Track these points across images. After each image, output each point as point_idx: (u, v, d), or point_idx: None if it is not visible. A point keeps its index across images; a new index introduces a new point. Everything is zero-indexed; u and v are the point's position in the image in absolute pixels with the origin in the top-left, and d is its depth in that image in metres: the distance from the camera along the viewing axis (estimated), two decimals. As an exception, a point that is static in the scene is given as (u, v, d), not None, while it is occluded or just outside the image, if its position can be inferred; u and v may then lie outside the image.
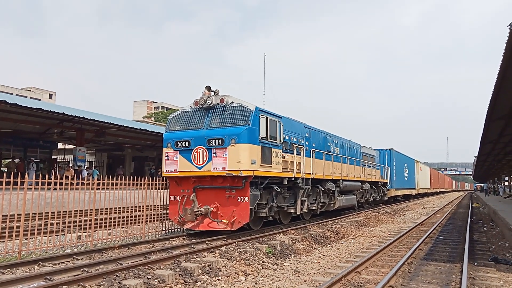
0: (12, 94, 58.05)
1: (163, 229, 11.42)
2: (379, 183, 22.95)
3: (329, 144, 15.45)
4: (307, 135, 13.56)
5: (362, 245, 10.89)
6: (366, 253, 9.17)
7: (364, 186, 19.31)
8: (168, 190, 11.22)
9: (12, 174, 8.12)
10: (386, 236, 12.48)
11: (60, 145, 30.34)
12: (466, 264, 7.67)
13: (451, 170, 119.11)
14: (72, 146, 25.93)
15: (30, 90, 78.03)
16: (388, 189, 25.19)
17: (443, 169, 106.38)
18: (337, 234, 12.07)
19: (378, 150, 25.68)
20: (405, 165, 31.00)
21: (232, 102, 10.45)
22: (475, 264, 8.28)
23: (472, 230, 14.13)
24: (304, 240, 10.32)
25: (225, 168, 9.81)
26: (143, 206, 10.82)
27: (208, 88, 10.80)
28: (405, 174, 30.77)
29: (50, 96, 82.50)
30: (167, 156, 10.78)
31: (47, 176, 8.59)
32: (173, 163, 10.65)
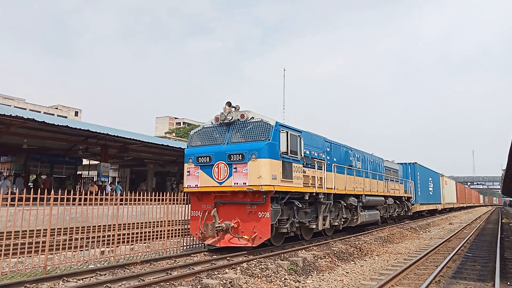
0: (40, 112, 60.15)
1: (185, 244, 11.43)
2: (403, 197, 22.42)
3: (350, 159, 15.25)
4: (328, 150, 13.44)
5: (386, 262, 10.59)
6: (391, 271, 8.89)
7: (387, 201, 18.90)
8: (190, 205, 11.26)
9: (39, 190, 8.33)
10: (412, 253, 12.11)
11: (85, 161, 31.07)
12: (498, 284, 7.33)
13: (478, 184, 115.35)
14: (97, 162, 26.52)
15: (57, 108, 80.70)
16: (413, 204, 24.55)
17: (469, 183, 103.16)
18: (360, 250, 11.79)
19: (401, 164, 25.17)
20: (430, 179, 30.23)
21: (253, 117, 10.49)
22: (508, 283, 7.90)
23: (503, 247, 13.54)
24: (327, 257, 10.12)
25: (245, 183, 9.80)
26: (164, 221, 10.88)
27: (229, 104, 10.89)
28: (430, 189, 29.97)
29: (76, 114, 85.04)
30: (188, 171, 10.86)
31: (72, 191, 8.79)
32: (194, 179, 10.71)
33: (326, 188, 12.39)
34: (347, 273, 9.06)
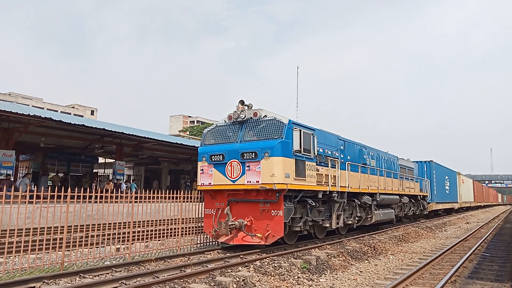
0: (57, 111, 61.24)
1: (198, 242, 11.51)
2: (419, 196, 22.12)
3: (364, 157, 15.12)
4: (341, 148, 13.35)
5: (401, 261, 10.48)
6: (406, 270, 8.80)
7: (402, 199, 18.67)
8: (203, 203, 11.34)
9: (56, 188, 8.49)
10: (427, 252, 11.95)
11: (101, 159, 31.52)
12: (516, 284, 7.18)
13: (496, 183, 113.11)
14: (112, 160, 26.88)
15: (73, 107, 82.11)
16: (428, 203, 24.20)
17: (487, 182, 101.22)
18: (374, 249, 11.69)
19: (417, 162, 24.84)
20: (446, 177, 29.76)
21: (265, 116, 10.49)
22: (526, 284, 7.72)
23: (521, 247, 13.24)
24: (340, 256, 10.07)
25: (258, 182, 9.81)
26: (178, 219, 10.98)
27: (242, 102, 10.91)
28: (446, 187, 29.51)
29: (92, 113, 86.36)
30: (202, 169, 10.93)
31: (88, 189, 8.94)
32: (208, 177, 10.78)
33: (340, 186, 12.32)
34: (361, 272, 9.00)
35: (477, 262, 10.27)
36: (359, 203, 13.84)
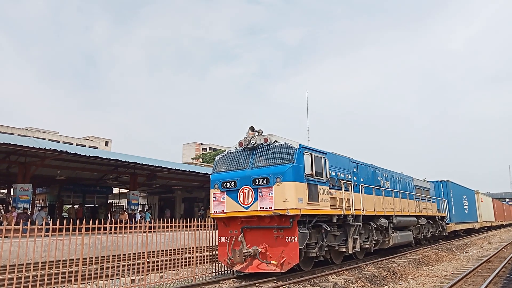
0: (72, 143, 62.47)
1: (213, 271, 11.38)
2: (437, 217, 21.62)
3: (378, 178, 14.95)
4: (354, 170, 13.25)
5: (422, 286, 10.16)
6: (427, 295, 8.52)
7: (420, 221, 18.27)
8: (217, 231, 11.27)
9: (71, 220, 8.59)
10: (449, 276, 11.58)
11: (115, 190, 31.82)
12: (544, 307, 6.88)
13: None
14: (126, 191, 27.12)
15: (88, 139, 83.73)
16: (447, 224, 23.61)
17: (507, 200, 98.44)
18: (394, 274, 11.38)
19: (433, 182, 24.44)
20: (464, 197, 29.09)
21: (276, 141, 10.55)
22: (555, 306, 7.40)
23: (548, 267, 12.74)
24: (359, 281, 9.83)
25: (271, 208, 9.75)
26: (193, 248, 10.91)
27: (252, 128, 11.02)
28: (465, 207, 28.80)
29: (107, 144, 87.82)
30: (214, 197, 10.94)
31: (103, 220, 9.02)
32: (220, 204, 10.77)
33: (355, 209, 12.16)
34: (381, 298, 8.74)
35: (502, 284, 9.90)
36: (375, 226, 13.59)
